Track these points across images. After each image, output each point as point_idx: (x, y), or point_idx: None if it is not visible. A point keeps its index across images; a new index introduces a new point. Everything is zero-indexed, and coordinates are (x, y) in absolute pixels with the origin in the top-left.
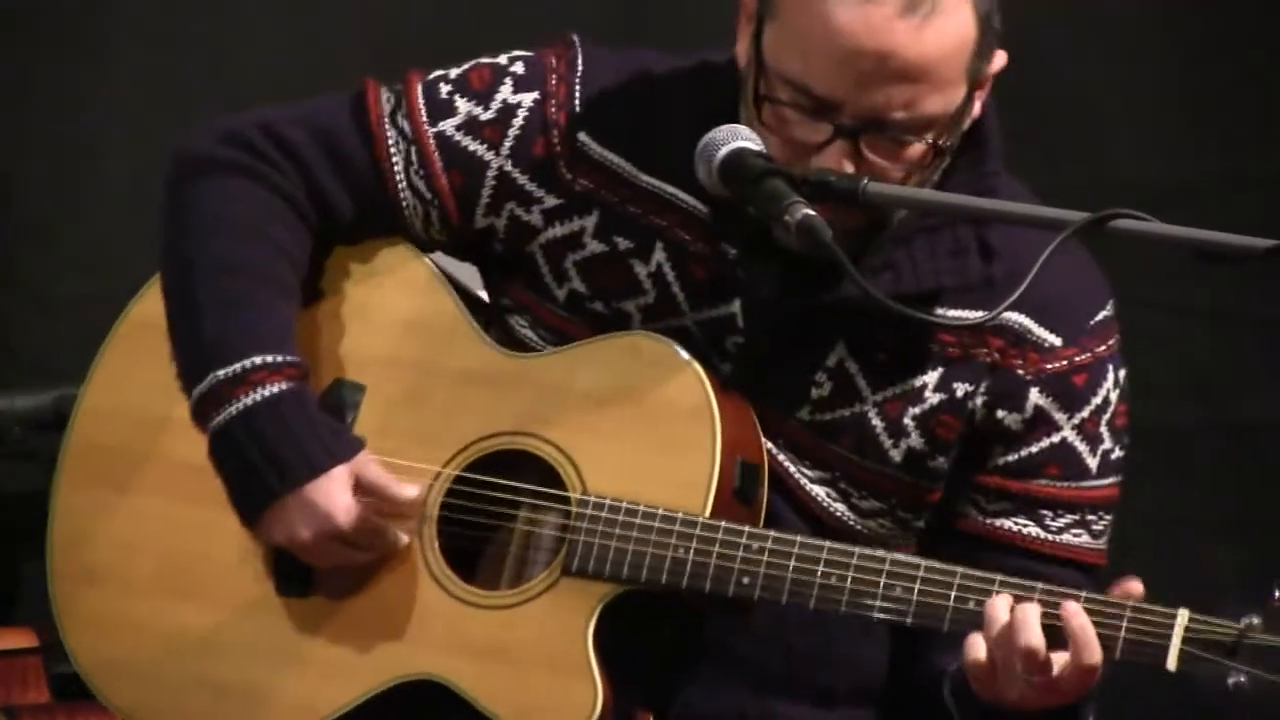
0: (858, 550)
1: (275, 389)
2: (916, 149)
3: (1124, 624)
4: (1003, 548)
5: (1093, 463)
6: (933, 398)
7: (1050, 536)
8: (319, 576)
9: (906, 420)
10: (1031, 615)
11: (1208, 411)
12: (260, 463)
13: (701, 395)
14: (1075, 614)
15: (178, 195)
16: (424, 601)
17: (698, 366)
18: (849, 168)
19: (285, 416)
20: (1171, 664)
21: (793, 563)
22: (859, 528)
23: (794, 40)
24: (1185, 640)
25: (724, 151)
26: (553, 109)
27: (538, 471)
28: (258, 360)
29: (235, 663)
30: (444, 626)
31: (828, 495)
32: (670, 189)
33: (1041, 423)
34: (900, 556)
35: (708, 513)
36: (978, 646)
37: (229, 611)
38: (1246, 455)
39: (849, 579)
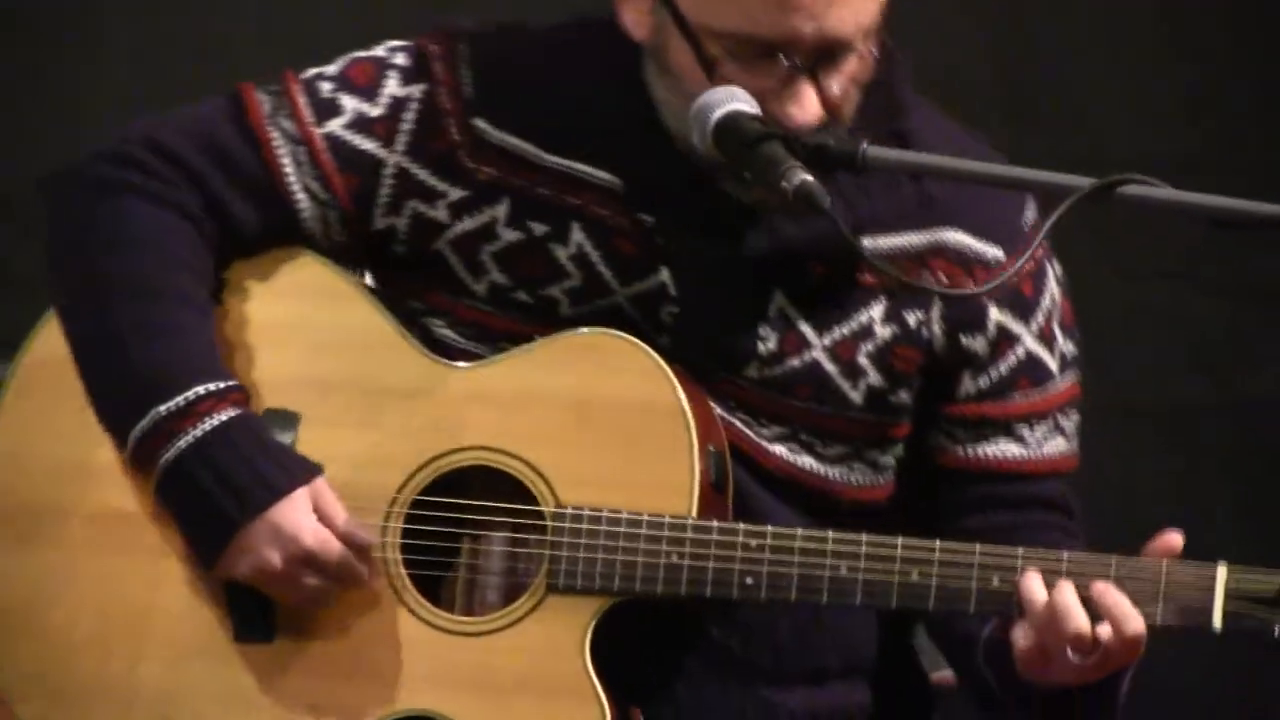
0: (865, 537)
1: (223, 416)
2: (852, 62)
3: (1161, 588)
4: (989, 477)
5: (1054, 364)
6: (883, 331)
7: (1031, 453)
8: (281, 619)
9: (861, 359)
10: (1071, 599)
11: (1217, 388)
12: (218, 494)
13: (670, 393)
14: (1105, 592)
15: (69, 223)
16: (401, 634)
17: (660, 361)
18: (811, 102)
19: (238, 444)
20: (1217, 623)
21: (797, 557)
22: (832, 477)
23: None
24: (1227, 597)
25: (719, 115)
26: (444, 98)
27: (499, 488)
28: (200, 390)
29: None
30: (428, 659)
31: (789, 451)
32: (579, 166)
33: (1004, 339)
34: (913, 541)
35: (694, 514)
36: (1025, 636)
37: (187, 665)
38: (1257, 435)
39: (860, 569)
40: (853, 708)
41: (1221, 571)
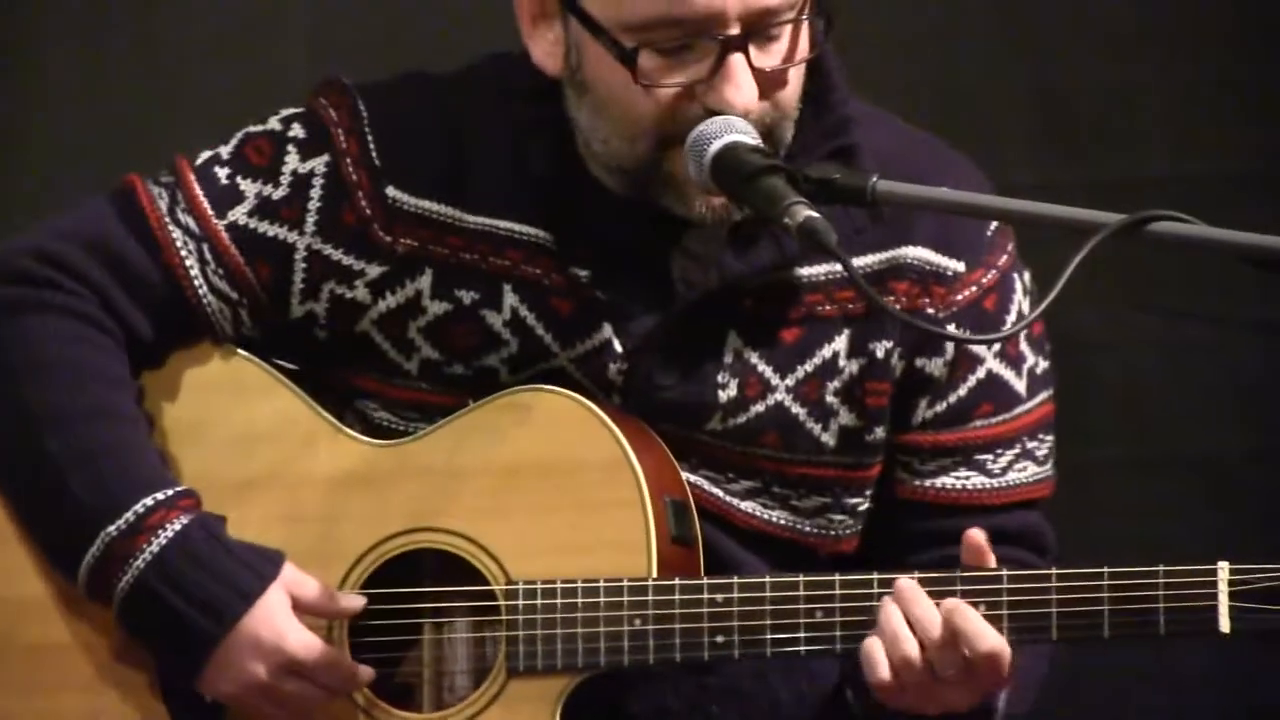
0: (839, 577)
1: (178, 525)
2: (789, 36)
3: (1160, 592)
4: (946, 510)
5: (1021, 386)
6: (850, 365)
7: (995, 482)
8: None
9: (829, 398)
10: (897, 622)
11: (1258, 437)
12: (187, 611)
13: (612, 444)
14: (953, 611)
15: None
16: None
17: (599, 411)
18: (748, 82)
19: (198, 553)
20: (1224, 626)
21: (768, 606)
22: (808, 530)
23: None
24: (1233, 595)
25: (716, 146)
26: (349, 168)
27: (450, 568)
28: (149, 502)
29: None
30: None
31: (762, 506)
32: (504, 224)
33: (964, 360)
34: (891, 576)
35: (654, 572)
36: (878, 655)
37: None
38: None
39: (837, 611)
40: None
41: (1223, 569)
